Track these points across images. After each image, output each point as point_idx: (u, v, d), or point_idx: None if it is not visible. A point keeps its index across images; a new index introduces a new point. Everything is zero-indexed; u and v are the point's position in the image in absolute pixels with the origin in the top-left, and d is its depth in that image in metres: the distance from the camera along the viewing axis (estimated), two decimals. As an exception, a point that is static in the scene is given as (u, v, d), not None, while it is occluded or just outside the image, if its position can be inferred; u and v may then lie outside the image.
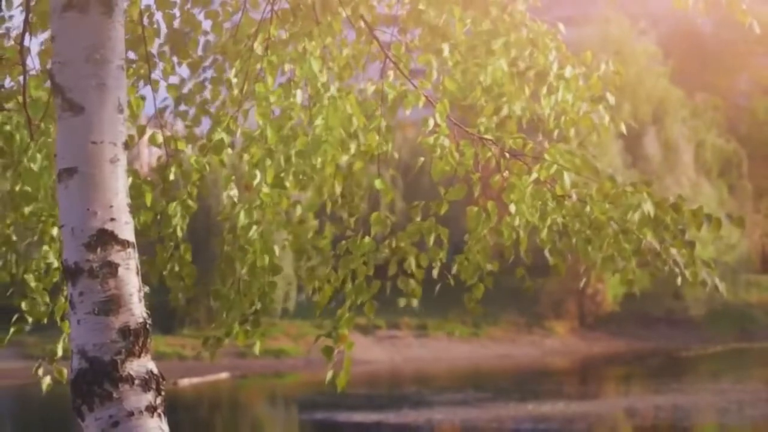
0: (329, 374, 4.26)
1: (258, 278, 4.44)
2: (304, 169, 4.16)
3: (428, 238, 4.22)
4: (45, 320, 4.55)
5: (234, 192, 4.42)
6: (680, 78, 41.02)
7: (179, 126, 4.58)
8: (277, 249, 4.42)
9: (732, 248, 35.27)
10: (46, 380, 4.60)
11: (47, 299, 4.54)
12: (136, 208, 4.05)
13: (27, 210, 4.48)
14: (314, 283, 4.28)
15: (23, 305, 4.52)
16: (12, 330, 4.56)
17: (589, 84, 4.38)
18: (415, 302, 4.29)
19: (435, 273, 4.25)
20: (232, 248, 4.45)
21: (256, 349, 4.55)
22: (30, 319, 4.54)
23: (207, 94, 4.41)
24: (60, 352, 4.53)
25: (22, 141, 4.41)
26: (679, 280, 4.06)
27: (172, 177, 4.38)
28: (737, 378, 26.99)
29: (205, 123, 4.46)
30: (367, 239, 4.22)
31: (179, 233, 4.42)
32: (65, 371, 4.53)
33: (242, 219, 4.35)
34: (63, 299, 4.49)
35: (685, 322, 36.81)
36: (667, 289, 32.63)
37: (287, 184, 4.26)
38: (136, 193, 4.17)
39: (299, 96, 4.15)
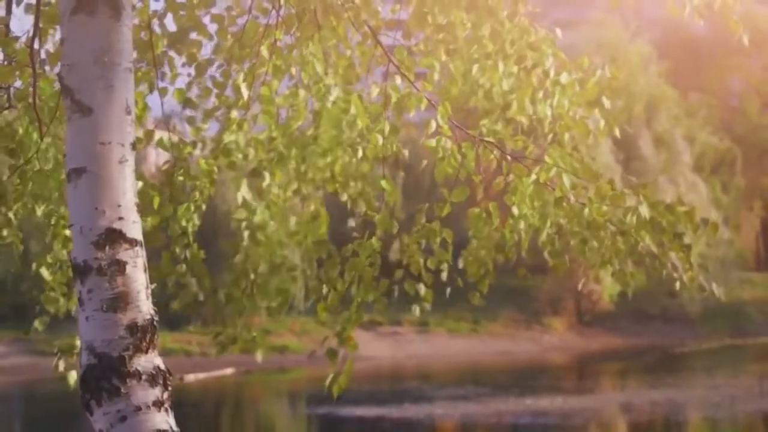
0: (330, 377, 4.29)
1: (276, 276, 4.48)
2: (310, 170, 4.22)
3: (434, 241, 4.27)
4: (62, 313, 4.58)
5: (247, 193, 4.47)
6: (674, 79, 41.08)
7: (186, 129, 4.62)
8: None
9: (724, 244, 35.32)
10: (72, 375, 4.62)
11: (65, 291, 4.57)
12: (143, 213, 4.09)
13: (39, 211, 4.53)
14: (322, 289, 4.32)
15: (42, 299, 4.55)
16: (36, 322, 4.58)
17: (585, 89, 4.44)
18: (428, 306, 4.34)
19: (444, 275, 4.29)
20: (252, 247, 4.48)
21: (258, 356, 4.59)
22: (51, 312, 4.57)
23: (213, 98, 4.45)
24: (78, 346, 4.56)
25: (33, 142, 4.46)
26: (677, 284, 4.12)
27: (180, 179, 4.42)
28: (731, 373, 27.07)
29: (213, 126, 4.51)
30: (373, 240, 4.27)
31: (190, 235, 4.46)
32: None
33: (259, 215, 4.39)
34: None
35: (681, 319, 36.88)
36: (663, 287, 32.68)
37: (296, 184, 4.32)
38: (143, 197, 4.22)
39: (304, 98, 4.20)
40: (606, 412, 21.11)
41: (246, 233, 4.49)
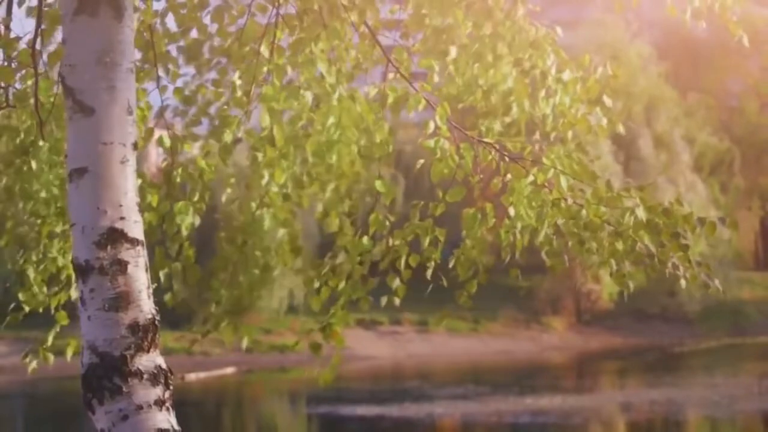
0: (316, 370, 4.36)
1: (249, 273, 4.53)
2: (320, 169, 4.24)
3: (424, 239, 4.30)
4: (41, 310, 4.63)
5: (232, 192, 4.51)
6: (673, 79, 41.13)
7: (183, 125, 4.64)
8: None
9: (723, 244, 35.40)
10: (32, 364, 4.71)
11: (45, 290, 4.61)
12: (142, 210, 4.11)
13: (27, 209, 4.56)
14: (312, 284, 4.36)
15: (20, 295, 4.60)
16: (8, 318, 4.65)
17: (586, 87, 4.46)
18: (397, 301, 4.38)
19: (428, 273, 4.33)
20: (229, 246, 4.54)
21: (244, 343, 4.66)
22: (27, 309, 4.62)
23: (209, 95, 4.47)
24: (50, 341, 4.63)
25: (31, 141, 4.49)
26: (682, 282, 4.16)
27: (178, 180, 4.45)
28: (730, 372, 27.11)
29: (204, 124, 4.53)
30: (365, 239, 4.30)
31: (184, 233, 4.50)
32: (51, 356, 4.64)
33: (268, 223, 4.42)
34: (59, 290, 4.58)
35: (680, 318, 36.95)
36: (662, 286, 32.76)
37: (305, 183, 4.34)
38: (142, 195, 4.24)
39: (308, 98, 4.22)
40: (605, 411, 21.14)
41: (227, 233, 4.55)
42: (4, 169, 4.57)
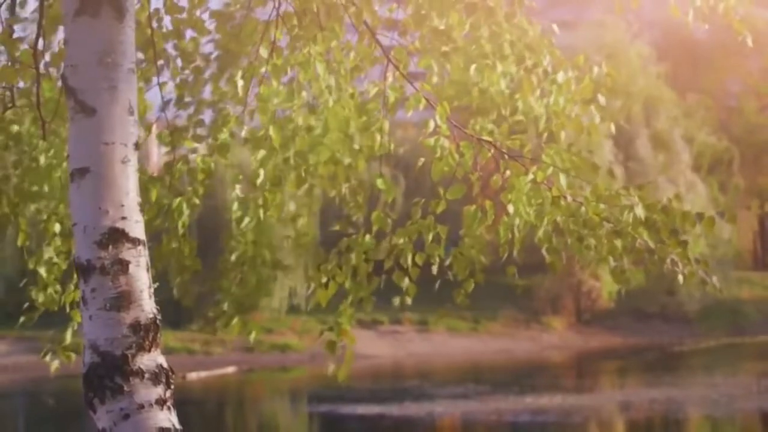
0: (331, 367, 4.39)
1: (257, 271, 4.56)
2: (302, 168, 4.27)
3: (427, 236, 4.33)
4: (56, 308, 4.66)
5: (239, 190, 4.54)
6: (673, 80, 41.20)
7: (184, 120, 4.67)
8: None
9: (723, 244, 35.40)
10: (54, 364, 4.73)
11: (58, 288, 4.63)
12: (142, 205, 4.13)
13: (32, 207, 4.59)
14: (320, 279, 4.38)
15: (34, 294, 4.62)
16: (22, 318, 4.67)
17: (581, 87, 4.48)
18: (409, 301, 4.42)
19: (434, 269, 4.36)
20: (234, 243, 4.57)
21: (251, 337, 4.69)
22: (41, 309, 4.64)
23: (208, 89, 4.50)
24: (69, 339, 4.65)
25: (32, 140, 4.51)
26: (680, 278, 4.17)
27: (177, 175, 4.48)
28: (729, 372, 27.13)
29: (206, 117, 4.55)
30: (368, 237, 4.33)
31: (180, 229, 4.52)
32: (73, 355, 4.66)
33: (235, 209, 4.46)
34: (72, 288, 4.60)
35: (679, 318, 37.00)
36: (661, 286, 32.75)
37: (284, 182, 4.37)
38: (142, 190, 4.25)
39: (305, 98, 4.24)
40: (605, 410, 21.16)
41: (238, 232, 4.58)
42: (13, 169, 4.59)
